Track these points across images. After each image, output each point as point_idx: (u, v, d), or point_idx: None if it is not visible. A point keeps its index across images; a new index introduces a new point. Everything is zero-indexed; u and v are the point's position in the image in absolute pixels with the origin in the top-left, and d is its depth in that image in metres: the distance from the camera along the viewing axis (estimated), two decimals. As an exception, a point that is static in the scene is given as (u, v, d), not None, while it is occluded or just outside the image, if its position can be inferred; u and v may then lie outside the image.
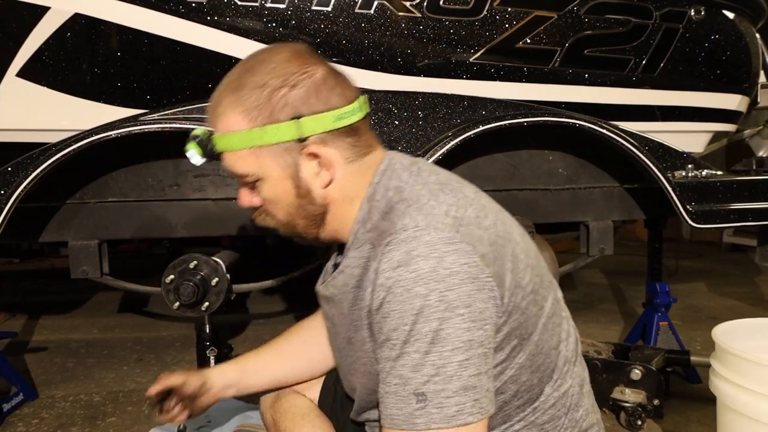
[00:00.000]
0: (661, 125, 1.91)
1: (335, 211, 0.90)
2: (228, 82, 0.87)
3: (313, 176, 0.86)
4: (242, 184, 0.91)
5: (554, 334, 0.89)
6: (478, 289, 0.75)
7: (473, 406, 0.73)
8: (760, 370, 1.17)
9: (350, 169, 0.88)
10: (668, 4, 1.83)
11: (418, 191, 0.84)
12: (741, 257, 4.91)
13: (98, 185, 1.74)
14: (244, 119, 0.84)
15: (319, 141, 0.84)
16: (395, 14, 1.66)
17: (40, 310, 3.39)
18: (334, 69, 0.88)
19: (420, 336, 0.73)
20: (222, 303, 1.80)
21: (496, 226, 0.84)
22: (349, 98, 0.87)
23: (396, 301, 0.74)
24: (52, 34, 1.55)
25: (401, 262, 0.75)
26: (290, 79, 0.83)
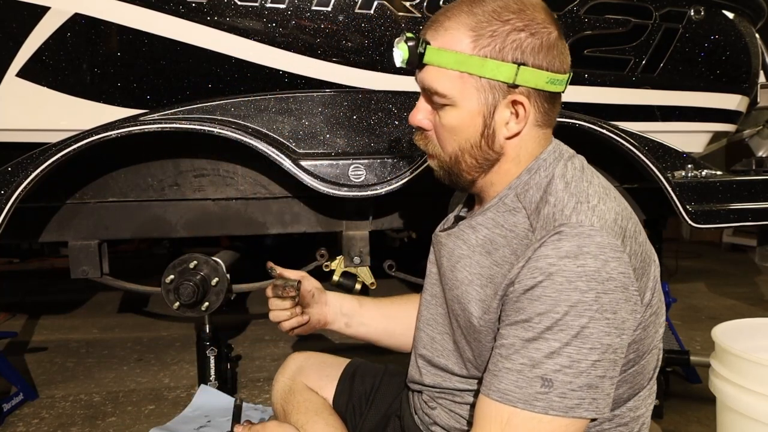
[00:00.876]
0: (660, 125, 1.91)
1: (502, 165, 0.90)
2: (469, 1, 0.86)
3: (503, 123, 0.87)
4: (428, 101, 0.91)
5: (655, 359, 0.92)
6: (626, 299, 0.78)
7: (591, 404, 0.76)
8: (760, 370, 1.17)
9: (534, 133, 0.89)
10: (668, 5, 1.83)
11: (586, 188, 0.85)
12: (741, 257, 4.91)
13: (98, 185, 1.74)
14: (471, 43, 0.84)
15: (526, 93, 0.85)
16: (395, 14, 1.66)
17: (40, 310, 3.39)
18: (563, 37, 0.89)
19: (566, 327, 0.75)
20: (222, 303, 1.80)
21: (646, 244, 0.87)
22: (565, 68, 0.88)
23: (553, 288, 0.75)
24: (52, 34, 1.55)
25: (569, 253, 0.76)
26: (533, 26, 0.84)
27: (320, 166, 1.61)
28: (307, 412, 1.14)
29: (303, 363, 1.27)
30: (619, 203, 0.86)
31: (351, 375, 1.23)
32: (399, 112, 1.68)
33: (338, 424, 1.14)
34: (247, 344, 2.73)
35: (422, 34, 0.89)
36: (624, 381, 0.87)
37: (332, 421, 1.14)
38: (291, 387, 1.21)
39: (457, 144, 0.90)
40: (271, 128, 1.63)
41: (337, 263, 1.91)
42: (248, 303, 3.56)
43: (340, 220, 1.88)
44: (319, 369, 1.25)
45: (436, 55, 0.85)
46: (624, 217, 0.84)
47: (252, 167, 1.79)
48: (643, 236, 0.87)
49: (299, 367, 1.26)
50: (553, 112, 0.91)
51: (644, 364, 0.89)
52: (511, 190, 0.90)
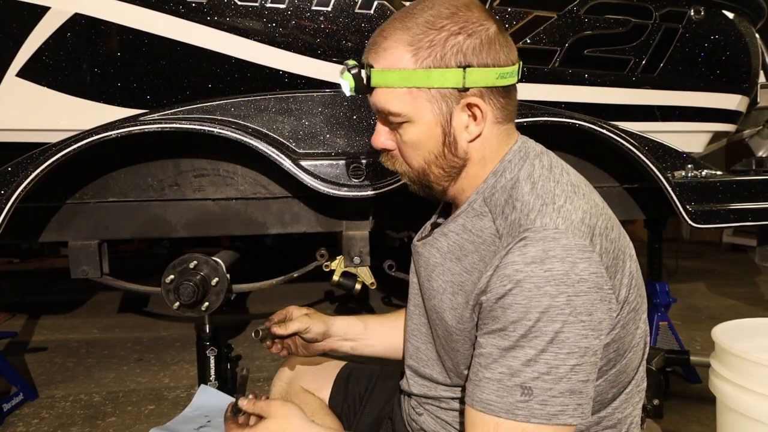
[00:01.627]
0: (660, 125, 1.91)
1: (469, 169, 0.90)
2: (401, 16, 0.86)
3: (462, 128, 0.86)
4: (384, 122, 0.91)
5: (639, 355, 0.91)
6: (600, 299, 0.77)
7: (575, 410, 0.75)
8: (760, 370, 1.17)
9: (495, 130, 0.88)
10: (668, 5, 1.83)
11: (552, 189, 0.84)
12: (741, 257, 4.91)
13: (98, 185, 1.74)
14: (411, 57, 0.83)
15: (479, 94, 0.84)
16: (395, 14, 1.66)
17: (40, 310, 3.39)
18: (503, 28, 0.87)
19: (540, 334, 0.74)
20: (222, 303, 1.80)
21: (619, 239, 0.86)
22: (512, 60, 0.87)
23: (523, 296, 0.75)
24: (52, 34, 1.55)
25: (535, 259, 0.75)
26: (469, 27, 0.83)
27: (320, 166, 1.61)
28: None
29: (299, 367, 1.27)
30: (588, 200, 0.85)
31: (346, 377, 1.24)
32: (399, 112, 1.68)
33: (335, 424, 1.14)
34: (247, 344, 2.73)
35: (364, 58, 0.88)
36: (607, 381, 0.86)
37: (328, 422, 1.14)
38: (288, 390, 1.22)
39: (421, 158, 0.89)
40: (271, 128, 1.63)
41: (337, 263, 1.91)
42: (248, 303, 3.56)
43: (340, 220, 1.88)
44: (315, 372, 1.26)
45: (381, 77, 0.85)
46: (593, 215, 0.82)
47: (252, 167, 1.79)
48: (617, 232, 0.86)
49: (296, 370, 1.26)
50: (511, 106, 0.90)
51: (626, 363, 0.87)
52: (479, 195, 0.89)
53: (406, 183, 0.97)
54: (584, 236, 0.78)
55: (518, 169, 0.87)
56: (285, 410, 0.93)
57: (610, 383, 0.87)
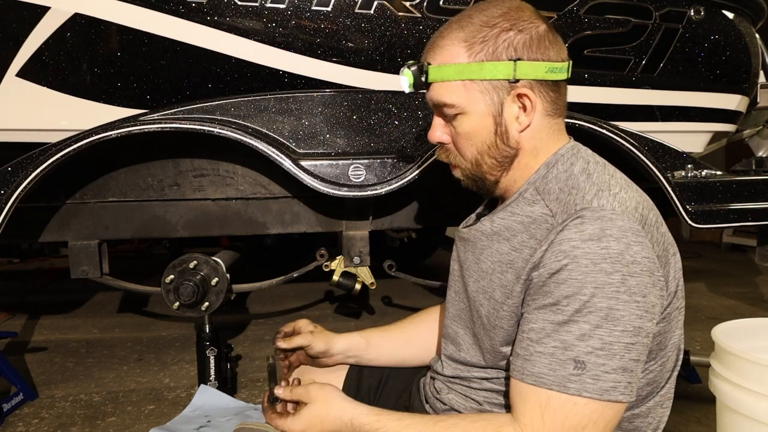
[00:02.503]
0: (660, 125, 1.91)
1: (521, 159, 0.93)
2: (458, 19, 0.92)
3: (513, 118, 0.90)
4: (440, 115, 0.96)
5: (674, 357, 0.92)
6: (653, 283, 0.79)
7: (626, 387, 0.77)
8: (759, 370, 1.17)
9: (546, 122, 0.92)
10: (668, 5, 1.83)
11: (607, 180, 0.87)
12: (741, 257, 4.91)
13: (98, 185, 1.74)
14: (466, 52, 0.89)
15: (528, 86, 0.89)
16: (395, 14, 1.66)
17: (40, 310, 3.39)
18: (553, 29, 0.92)
19: (595, 309, 0.76)
20: (222, 303, 1.80)
21: (667, 235, 0.89)
22: (563, 57, 0.91)
23: (579, 271, 0.76)
24: (52, 34, 1.55)
25: (593, 236, 0.77)
26: (519, 24, 0.89)
27: (320, 166, 1.61)
28: None
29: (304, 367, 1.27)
30: (640, 194, 0.88)
31: (359, 370, 1.24)
32: (399, 112, 1.68)
33: None
34: (247, 344, 2.73)
35: (422, 58, 0.95)
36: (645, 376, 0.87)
37: None
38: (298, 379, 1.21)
39: (475, 148, 0.94)
40: (271, 128, 1.63)
41: (337, 263, 1.91)
42: (248, 303, 3.56)
43: (340, 220, 1.88)
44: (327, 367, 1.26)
45: (438, 72, 0.91)
46: (646, 207, 0.85)
47: (252, 167, 1.79)
48: (665, 228, 0.89)
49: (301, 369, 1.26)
50: (560, 101, 0.93)
51: (663, 362, 0.89)
52: (531, 185, 0.92)
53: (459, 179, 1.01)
54: (638, 222, 0.80)
55: (571, 163, 0.91)
56: (325, 392, 0.95)
57: (648, 381, 0.88)
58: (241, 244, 2.67)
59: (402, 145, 1.68)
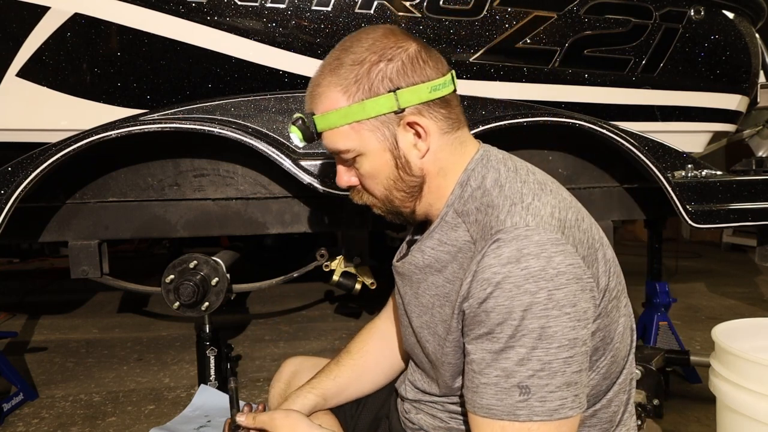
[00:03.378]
0: (660, 125, 1.91)
1: (430, 184, 0.92)
2: (326, 63, 0.92)
3: (410, 147, 0.90)
4: (341, 162, 0.96)
5: (626, 343, 0.92)
6: (581, 289, 0.78)
7: (573, 401, 0.76)
8: (759, 370, 1.17)
9: (445, 140, 0.91)
10: (668, 5, 1.83)
11: (519, 188, 0.85)
12: (741, 257, 4.91)
13: (98, 185, 1.74)
14: (343, 96, 0.88)
15: (416, 111, 0.88)
16: (395, 14, 1.66)
17: (40, 310, 3.39)
18: (425, 44, 0.92)
19: (527, 332, 0.75)
20: (222, 303, 1.80)
21: (591, 229, 0.87)
22: (442, 71, 0.90)
23: (504, 296, 0.76)
24: (52, 34, 1.55)
25: (511, 259, 0.76)
26: (386, 53, 0.88)
27: (320, 165, 1.61)
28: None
29: (298, 367, 1.27)
30: (555, 195, 0.86)
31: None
32: (399, 112, 1.68)
33: (332, 422, 1.14)
34: (247, 344, 2.73)
35: (306, 109, 0.94)
36: (599, 374, 0.87)
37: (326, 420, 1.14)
38: (286, 391, 1.22)
39: (382, 185, 0.93)
40: (271, 128, 1.63)
41: (337, 263, 1.91)
42: (248, 303, 3.56)
43: (340, 220, 1.88)
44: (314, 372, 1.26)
45: (323, 121, 0.90)
46: (562, 209, 0.84)
47: (252, 167, 1.79)
48: (588, 222, 0.87)
49: (294, 371, 1.26)
50: (455, 114, 0.92)
51: (615, 353, 0.88)
52: (450, 207, 0.91)
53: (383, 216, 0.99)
54: (555, 230, 0.79)
55: (482, 176, 0.89)
56: (290, 420, 0.94)
57: (603, 375, 0.88)
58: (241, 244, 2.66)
59: (402, 145, 1.68)
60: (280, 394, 1.22)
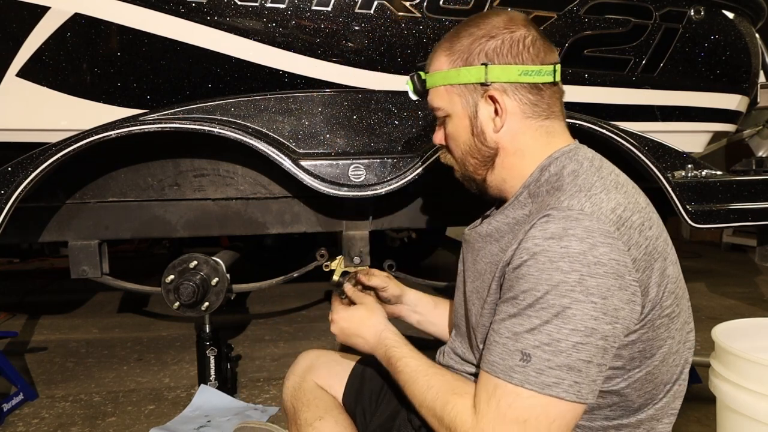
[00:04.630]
0: (660, 125, 1.91)
1: (504, 159, 0.97)
2: (449, 33, 1.01)
3: (487, 119, 0.95)
4: (438, 121, 1.05)
5: (672, 371, 0.91)
6: (620, 287, 0.78)
7: (570, 386, 0.76)
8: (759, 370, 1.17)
9: (527, 124, 0.95)
10: (668, 5, 1.83)
11: (593, 181, 0.87)
12: (741, 257, 4.91)
13: (98, 185, 1.74)
14: (447, 60, 0.97)
15: (501, 89, 0.93)
16: (395, 14, 1.66)
17: (40, 310, 3.39)
18: (538, 34, 0.96)
19: (547, 306, 0.77)
20: (222, 303, 1.80)
21: (658, 240, 0.87)
22: (542, 61, 0.94)
23: (536, 268, 0.78)
24: (52, 34, 1.55)
25: (555, 235, 0.79)
26: (493, 31, 0.94)
27: (320, 166, 1.62)
28: (317, 410, 1.14)
29: (313, 361, 1.26)
30: (629, 196, 0.87)
31: (361, 373, 1.23)
32: (399, 112, 1.68)
33: (347, 422, 1.14)
34: (247, 344, 2.73)
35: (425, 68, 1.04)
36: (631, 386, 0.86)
37: (342, 420, 1.14)
38: (301, 385, 1.21)
39: (460, 149, 1.01)
40: (271, 128, 1.63)
41: (337, 263, 1.90)
42: (248, 303, 3.56)
43: (340, 220, 1.88)
44: (329, 367, 1.25)
45: (429, 79, 1.01)
46: (629, 209, 0.84)
47: (252, 167, 1.79)
48: (656, 232, 0.87)
49: (309, 365, 1.25)
50: (543, 103, 0.95)
51: (655, 372, 0.87)
52: (525, 188, 0.95)
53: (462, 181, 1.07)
54: (610, 223, 0.79)
55: (563, 165, 0.92)
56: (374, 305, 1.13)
57: (636, 390, 0.87)
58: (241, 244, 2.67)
59: (402, 145, 1.68)
60: (294, 388, 1.22)
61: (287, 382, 1.25)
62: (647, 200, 0.93)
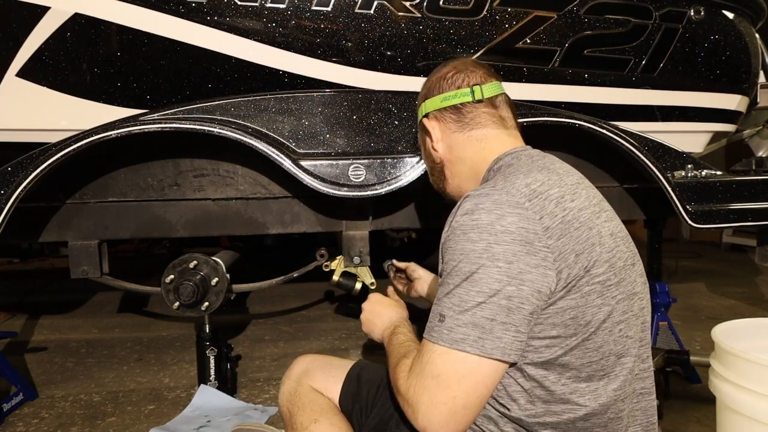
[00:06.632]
0: (660, 125, 1.91)
1: (451, 168, 1.16)
2: None
3: (428, 140, 1.18)
4: None
5: (624, 342, 0.92)
6: (527, 252, 0.85)
7: (475, 341, 0.84)
8: (759, 370, 1.17)
9: (456, 137, 1.13)
10: (668, 5, 1.83)
11: (519, 168, 0.98)
12: (741, 257, 4.91)
13: (98, 185, 1.74)
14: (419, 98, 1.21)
15: (432, 116, 1.15)
16: (395, 14, 1.66)
17: (40, 310, 3.39)
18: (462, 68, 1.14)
19: (459, 273, 0.87)
20: (222, 303, 1.80)
21: (582, 212, 0.92)
22: (459, 86, 1.12)
23: (453, 240, 0.90)
24: (52, 34, 1.56)
25: (467, 210, 0.90)
26: (433, 76, 1.18)
27: (320, 166, 1.62)
28: (312, 413, 1.15)
29: (308, 365, 1.27)
30: (551, 175, 0.95)
31: (356, 376, 1.23)
32: (399, 113, 1.68)
33: (343, 424, 1.14)
34: (247, 344, 2.73)
35: None
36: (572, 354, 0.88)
37: (337, 422, 1.14)
38: (296, 389, 1.21)
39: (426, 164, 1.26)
40: (271, 128, 1.63)
41: (337, 263, 1.91)
42: (248, 303, 3.56)
43: (340, 220, 1.88)
44: (325, 371, 1.25)
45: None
46: (546, 183, 0.92)
47: (252, 167, 1.79)
48: (578, 204, 0.92)
49: (305, 369, 1.26)
50: (466, 118, 1.11)
51: (597, 340, 0.88)
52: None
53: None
54: (520, 195, 0.89)
55: (506, 162, 1.04)
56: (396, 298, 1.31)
57: (579, 358, 0.89)
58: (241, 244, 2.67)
59: (402, 145, 1.68)
60: (290, 392, 1.22)
61: (283, 387, 1.26)
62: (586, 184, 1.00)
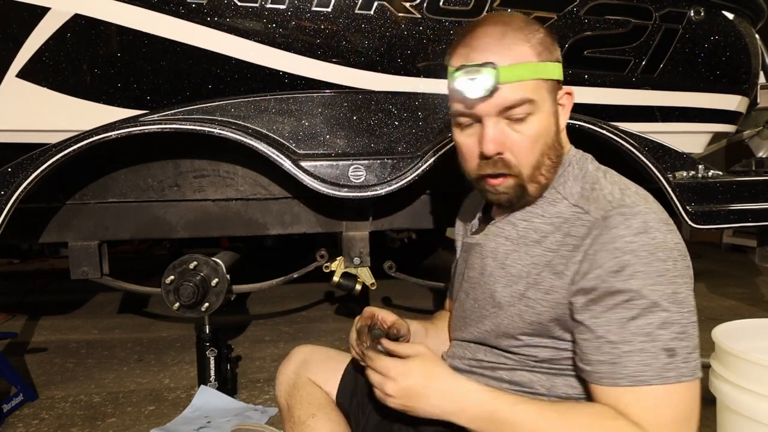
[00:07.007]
0: (660, 126, 1.91)
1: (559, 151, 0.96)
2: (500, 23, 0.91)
3: (563, 117, 0.96)
4: (508, 118, 0.90)
5: None
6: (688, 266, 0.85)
7: (698, 362, 0.81)
8: (760, 370, 1.17)
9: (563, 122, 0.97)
10: (668, 5, 1.83)
11: (618, 179, 0.93)
12: (741, 258, 4.91)
13: (98, 186, 1.74)
14: (532, 52, 0.89)
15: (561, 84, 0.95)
16: (395, 15, 1.66)
17: (40, 311, 3.39)
18: None
19: (664, 297, 0.79)
20: (222, 303, 1.80)
21: None
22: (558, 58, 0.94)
23: (642, 263, 0.80)
24: (52, 35, 1.55)
25: (640, 229, 0.82)
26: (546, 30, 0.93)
27: (320, 166, 1.61)
28: (309, 407, 1.14)
29: (307, 357, 1.25)
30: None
31: (354, 372, 1.23)
32: (399, 113, 1.68)
33: (339, 418, 1.13)
34: (247, 345, 2.73)
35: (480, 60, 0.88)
36: None
37: (335, 417, 1.13)
38: (295, 381, 1.20)
39: (539, 150, 0.91)
40: (271, 129, 1.63)
41: (337, 264, 1.91)
42: (248, 304, 3.56)
43: (340, 221, 1.88)
44: (324, 363, 1.24)
45: (511, 72, 0.87)
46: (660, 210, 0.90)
47: (252, 168, 1.79)
48: None
49: (303, 360, 1.24)
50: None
51: None
52: (553, 187, 0.95)
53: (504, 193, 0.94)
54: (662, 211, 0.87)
55: (583, 162, 0.96)
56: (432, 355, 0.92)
57: None
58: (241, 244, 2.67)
59: (402, 146, 1.68)
60: (288, 383, 1.20)
61: (280, 377, 1.23)
62: None
